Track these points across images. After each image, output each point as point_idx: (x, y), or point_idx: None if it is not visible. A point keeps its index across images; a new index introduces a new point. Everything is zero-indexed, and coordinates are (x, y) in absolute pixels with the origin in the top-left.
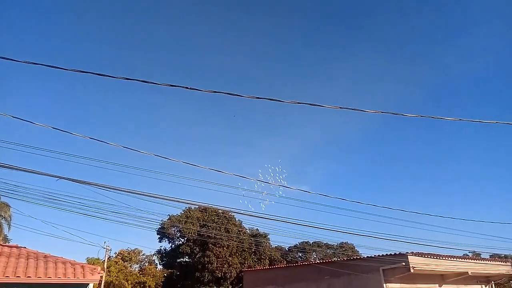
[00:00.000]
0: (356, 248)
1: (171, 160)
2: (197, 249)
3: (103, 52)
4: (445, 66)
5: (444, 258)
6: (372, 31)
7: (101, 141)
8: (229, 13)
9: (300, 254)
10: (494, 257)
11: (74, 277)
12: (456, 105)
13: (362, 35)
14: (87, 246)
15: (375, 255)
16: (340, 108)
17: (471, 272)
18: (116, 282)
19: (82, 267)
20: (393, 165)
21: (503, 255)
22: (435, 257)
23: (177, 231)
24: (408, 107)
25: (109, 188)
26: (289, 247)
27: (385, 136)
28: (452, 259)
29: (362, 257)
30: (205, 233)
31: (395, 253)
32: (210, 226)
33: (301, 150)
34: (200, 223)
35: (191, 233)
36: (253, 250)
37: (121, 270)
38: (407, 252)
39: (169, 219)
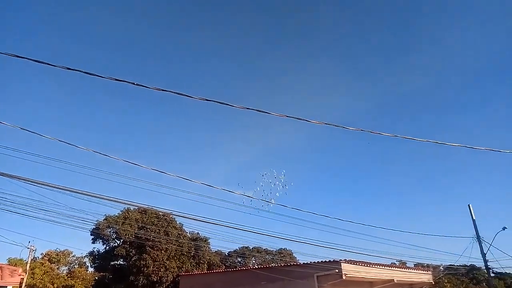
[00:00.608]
0: (294, 255)
1: (112, 158)
2: (133, 252)
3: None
4: (392, 83)
5: (373, 266)
6: (325, 45)
7: (33, 132)
8: (190, 19)
9: (240, 259)
10: (417, 266)
11: None
12: (400, 119)
13: (315, 48)
14: (9, 245)
15: (310, 262)
16: (287, 116)
17: (397, 280)
18: (41, 285)
19: (1, 268)
20: (335, 175)
21: (425, 265)
22: (365, 265)
23: (113, 232)
24: (355, 120)
25: (34, 182)
26: (229, 252)
27: (328, 147)
28: (380, 267)
29: (298, 263)
30: (143, 236)
31: (329, 260)
32: (149, 229)
33: (253, 156)
34: (138, 225)
35: (128, 235)
36: (192, 254)
37: (47, 272)
38: (340, 260)
39: (106, 219)
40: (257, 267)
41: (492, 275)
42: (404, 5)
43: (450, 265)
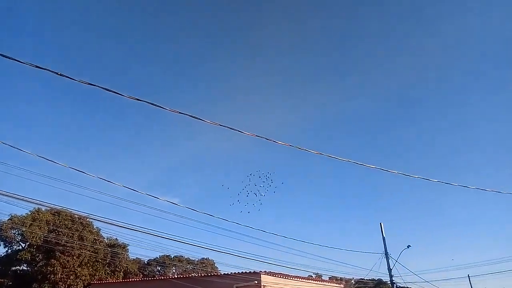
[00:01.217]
0: (216, 265)
1: (24, 152)
2: (40, 257)
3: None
4: (327, 102)
5: (291, 278)
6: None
7: None
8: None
9: (159, 268)
10: (332, 279)
11: None
12: (329, 138)
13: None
14: None
15: (231, 273)
16: (220, 125)
17: None
18: None
19: None
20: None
21: (339, 278)
22: (284, 277)
23: (18, 234)
24: (284, 135)
25: None
26: (148, 260)
27: (257, 158)
28: (298, 279)
29: (218, 273)
30: (53, 239)
31: (249, 271)
32: (62, 232)
33: (180, 161)
34: (49, 227)
35: (36, 237)
36: (107, 261)
37: None
38: (261, 271)
39: (10, 219)
40: (176, 276)
41: None
42: (341, 29)
43: (360, 278)
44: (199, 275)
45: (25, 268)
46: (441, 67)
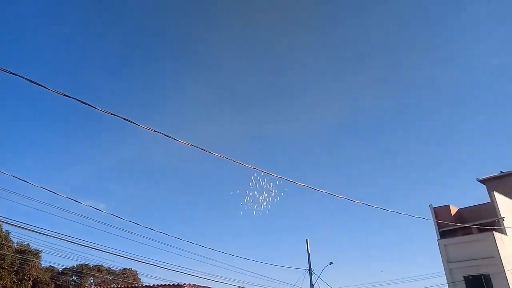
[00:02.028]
0: (138, 276)
1: None
2: None
3: None
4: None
5: None
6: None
7: None
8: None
9: (75, 278)
10: None
11: None
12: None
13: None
14: None
15: (153, 285)
16: (155, 131)
17: None
18: None
19: None
20: (196, 197)
21: None
22: None
23: None
24: (217, 148)
25: None
26: (64, 268)
27: (192, 168)
28: None
29: (141, 285)
30: None
31: (173, 284)
32: None
33: (111, 165)
34: None
35: None
36: (15, 269)
37: None
38: (184, 283)
39: None
40: (94, 287)
41: None
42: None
43: None
44: (120, 286)
45: None
46: None
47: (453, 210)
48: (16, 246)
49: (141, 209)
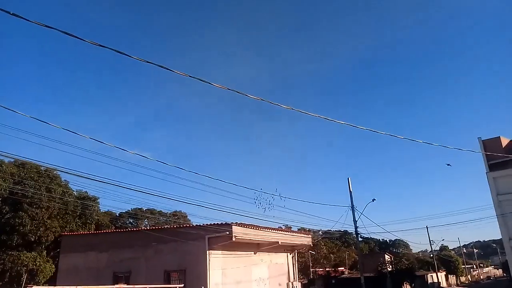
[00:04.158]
0: (188, 217)
1: None
2: (7, 209)
3: None
4: (291, 61)
5: (261, 229)
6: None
7: None
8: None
9: (131, 221)
10: (300, 230)
11: None
12: (292, 96)
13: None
14: None
15: (202, 224)
16: (190, 76)
17: (281, 242)
18: None
19: None
20: (228, 140)
21: (307, 229)
22: (254, 228)
23: None
24: (255, 90)
25: None
26: (120, 212)
27: (226, 112)
28: (267, 230)
29: (190, 225)
30: (19, 191)
31: (221, 223)
32: (28, 184)
33: (141, 115)
34: (14, 180)
35: (1, 189)
36: (78, 214)
37: None
38: (232, 223)
39: None
40: (149, 228)
41: (360, 239)
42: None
43: (327, 230)
44: (172, 226)
45: None
46: None
47: (504, 142)
48: (76, 194)
49: (180, 155)
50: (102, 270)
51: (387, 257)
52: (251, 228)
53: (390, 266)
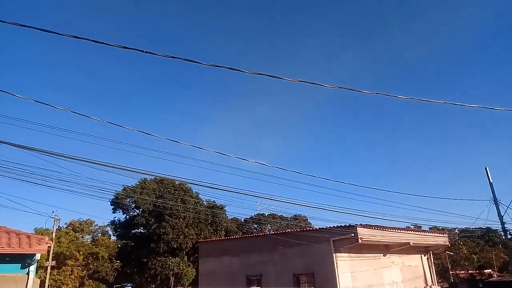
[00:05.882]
0: (308, 220)
1: (126, 129)
2: (153, 220)
3: None
4: (398, 47)
5: (388, 230)
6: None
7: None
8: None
9: (256, 226)
10: (433, 229)
11: (19, 247)
12: (412, 82)
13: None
14: (34, 216)
15: (326, 227)
16: (299, 81)
17: (412, 243)
18: (67, 253)
19: (28, 236)
20: (343, 143)
21: (440, 228)
22: (381, 229)
23: (132, 202)
24: (362, 83)
25: (55, 154)
26: (244, 218)
27: (334, 114)
28: (395, 231)
29: (314, 228)
30: (161, 205)
31: (345, 225)
32: (166, 198)
33: (251, 124)
34: (156, 194)
35: (147, 204)
36: (209, 222)
37: (72, 240)
38: (356, 224)
39: (124, 189)
40: (273, 232)
41: (509, 236)
42: None
43: (465, 227)
44: (295, 230)
45: (142, 231)
46: None
47: None
48: (206, 203)
49: (292, 160)
50: (236, 273)
51: None
52: (377, 229)
53: None
